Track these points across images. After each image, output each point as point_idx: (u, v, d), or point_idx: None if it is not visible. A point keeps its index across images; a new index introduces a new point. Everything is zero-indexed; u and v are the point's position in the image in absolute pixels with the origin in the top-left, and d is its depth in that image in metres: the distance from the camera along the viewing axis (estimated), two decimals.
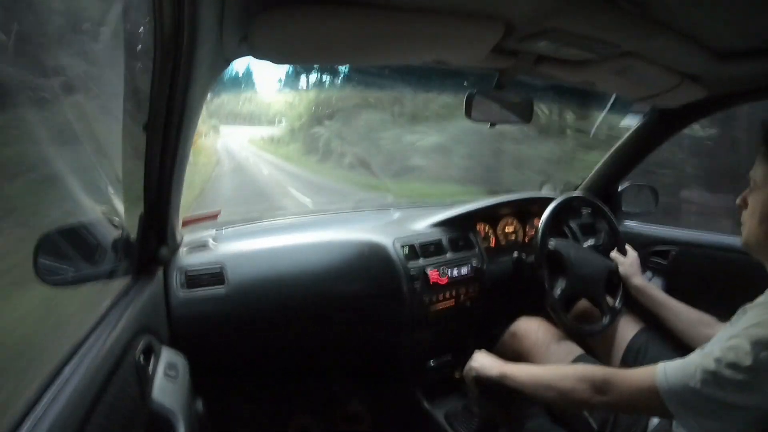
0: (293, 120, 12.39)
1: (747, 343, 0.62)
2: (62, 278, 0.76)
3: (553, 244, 1.25)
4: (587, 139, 3.58)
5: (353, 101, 9.17)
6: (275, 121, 13.51)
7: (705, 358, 0.65)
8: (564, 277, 1.20)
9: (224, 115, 11.90)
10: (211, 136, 10.55)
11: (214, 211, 1.38)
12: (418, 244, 1.32)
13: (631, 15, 0.74)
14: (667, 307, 1.10)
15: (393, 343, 1.37)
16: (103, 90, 0.88)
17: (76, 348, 0.62)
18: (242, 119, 13.27)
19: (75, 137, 0.81)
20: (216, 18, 0.66)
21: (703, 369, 0.64)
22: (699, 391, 0.63)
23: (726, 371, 0.62)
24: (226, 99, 11.27)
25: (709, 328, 1.01)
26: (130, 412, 0.61)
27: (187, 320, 1.03)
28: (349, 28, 0.74)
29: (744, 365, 0.60)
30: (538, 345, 1.16)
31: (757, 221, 0.73)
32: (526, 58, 0.97)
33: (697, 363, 0.65)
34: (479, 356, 1.01)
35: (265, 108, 13.79)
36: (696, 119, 1.41)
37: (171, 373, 0.78)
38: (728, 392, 0.61)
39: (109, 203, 0.86)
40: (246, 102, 13.03)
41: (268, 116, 13.63)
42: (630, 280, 1.20)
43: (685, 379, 0.64)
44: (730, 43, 0.93)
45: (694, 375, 0.64)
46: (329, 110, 10.19)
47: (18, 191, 0.89)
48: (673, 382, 0.66)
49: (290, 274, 1.16)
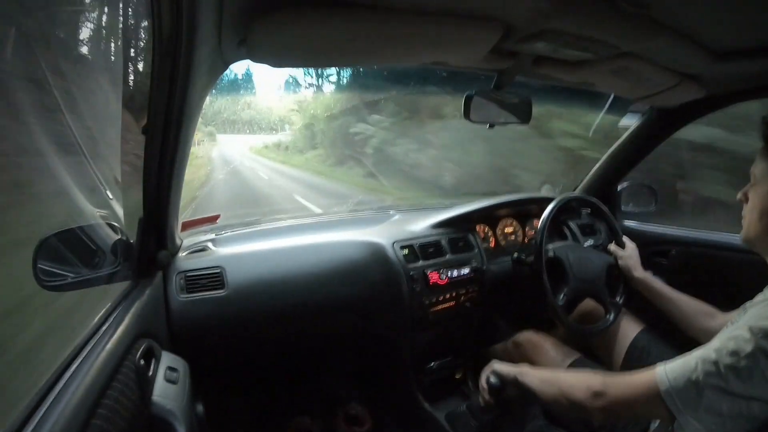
0: (312, 120, 9.95)
1: (747, 332, 0.62)
2: (61, 282, 0.76)
3: (552, 251, 1.24)
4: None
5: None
6: (279, 125, 11.49)
7: (705, 350, 0.65)
8: (565, 283, 1.20)
9: (221, 122, 10.03)
10: (206, 144, 9.41)
11: (213, 215, 1.39)
12: (418, 245, 1.32)
13: (630, 16, 0.74)
14: (668, 298, 1.10)
15: (393, 344, 1.37)
16: (102, 92, 0.88)
17: (77, 352, 0.62)
18: (239, 126, 11.23)
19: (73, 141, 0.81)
20: (214, 21, 0.66)
21: (703, 360, 0.64)
22: (700, 382, 0.63)
23: (727, 359, 0.62)
24: (222, 104, 9.35)
25: (710, 319, 1.02)
26: (130, 415, 0.61)
27: (187, 324, 1.02)
28: (347, 31, 0.74)
29: (745, 352, 0.60)
30: (537, 353, 1.19)
31: (757, 216, 0.74)
32: (524, 58, 0.97)
33: (697, 356, 0.65)
34: (496, 363, 1.00)
35: (264, 112, 11.52)
36: (694, 118, 1.41)
37: (171, 377, 0.78)
38: (730, 381, 0.61)
39: (108, 207, 0.86)
40: (243, 106, 10.77)
41: (269, 121, 11.51)
42: (631, 272, 1.20)
43: (686, 374, 0.64)
44: (728, 43, 0.93)
45: (695, 368, 0.64)
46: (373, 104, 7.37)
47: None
48: (673, 378, 0.65)
49: (290, 277, 1.16)
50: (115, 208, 0.87)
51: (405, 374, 1.38)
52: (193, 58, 0.66)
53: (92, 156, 0.84)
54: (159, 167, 0.80)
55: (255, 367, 1.30)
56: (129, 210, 0.87)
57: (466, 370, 1.49)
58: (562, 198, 1.31)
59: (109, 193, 0.86)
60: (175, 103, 0.71)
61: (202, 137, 9.00)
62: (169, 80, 0.67)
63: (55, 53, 0.86)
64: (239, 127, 10.95)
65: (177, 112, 0.73)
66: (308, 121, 10.27)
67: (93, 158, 0.84)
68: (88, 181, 0.82)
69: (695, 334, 1.01)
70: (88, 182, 0.82)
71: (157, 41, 0.62)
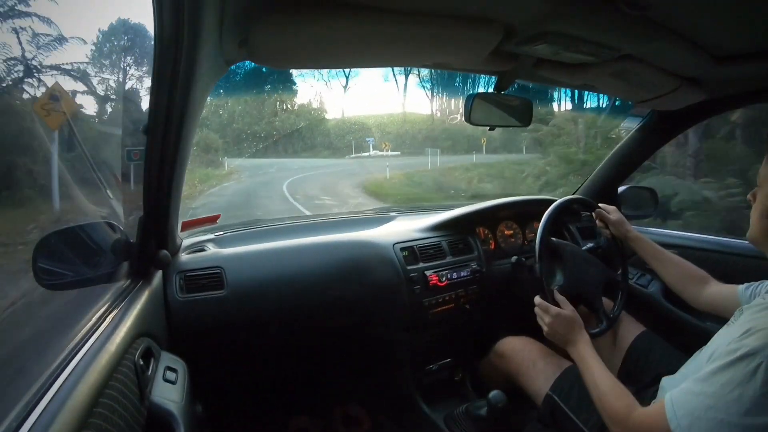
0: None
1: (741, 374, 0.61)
2: (61, 281, 0.76)
3: (554, 242, 1.23)
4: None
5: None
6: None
7: (703, 384, 0.64)
8: (562, 272, 1.16)
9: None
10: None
11: (214, 215, 1.39)
12: (418, 247, 1.32)
13: (631, 19, 0.74)
14: (662, 260, 1.10)
15: (392, 345, 1.37)
16: (104, 93, 0.88)
17: (75, 350, 0.62)
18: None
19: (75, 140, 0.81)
20: (216, 22, 0.66)
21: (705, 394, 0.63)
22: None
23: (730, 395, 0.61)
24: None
25: (703, 284, 1.03)
26: (129, 415, 0.61)
27: (186, 323, 1.02)
28: (349, 32, 0.74)
29: (747, 395, 0.59)
30: (524, 364, 1.14)
31: (758, 216, 0.76)
32: (525, 60, 0.97)
33: (696, 392, 0.65)
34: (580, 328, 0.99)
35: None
36: (696, 122, 1.41)
37: (170, 377, 0.78)
38: (742, 416, 0.60)
39: (108, 206, 0.86)
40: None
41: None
42: (627, 234, 1.17)
43: (690, 409, 0.64)
44: (728, 46, 0.93)
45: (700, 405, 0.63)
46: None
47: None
48: (681, 417, 0.65)
49: (289, 277, 1.16)
50: (116, 207, 0.87)
51: (404, 375, 1.38)
52: (195, 58, 0.66)
53: (93, 156, 0.84)
54: (160, 167, 0.80)
55: (254, 367, 1.30)
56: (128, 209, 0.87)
57: (465, 371, 1.49)
58: (563, 200, 1.31)
59: (110, 192, 0.86)
60: (177, 103, 0.71)
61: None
62: (171, 80, 0.67)
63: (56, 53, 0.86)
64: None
65: (178, 112, 0.73)
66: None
67: (93, 158, 0.84)
68: (89, 180, 0.82)
69: (687, 297, 1.04)
70: (89, 181, 0.82)
71: (158, 41, 0.62)
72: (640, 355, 1.14)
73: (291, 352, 1.28)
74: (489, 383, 1.33)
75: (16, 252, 2.27)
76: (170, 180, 0.84)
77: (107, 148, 0.82)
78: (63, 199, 2.33)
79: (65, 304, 0.92)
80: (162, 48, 0.63)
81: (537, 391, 1.07)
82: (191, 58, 0.65)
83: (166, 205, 0.89)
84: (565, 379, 1.04)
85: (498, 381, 1.24)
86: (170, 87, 0.68)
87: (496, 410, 1.12)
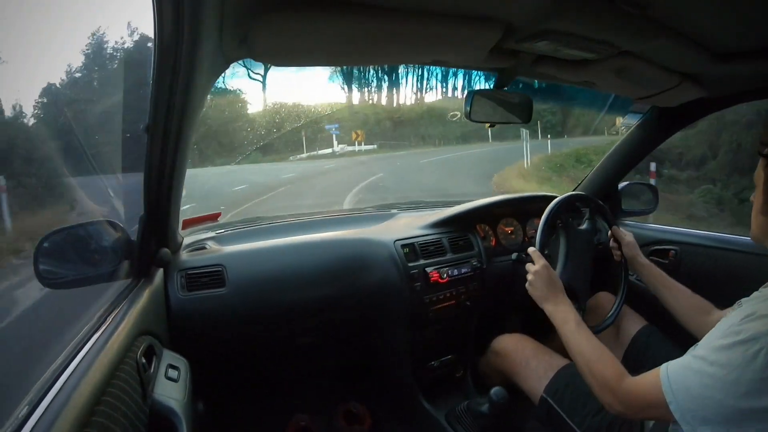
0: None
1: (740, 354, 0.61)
2: (62, 280, 0.76)
3: (557, 231, 1.23)
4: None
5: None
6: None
7: (701, 362, 0.65)
8: (559, 262, 1.18)
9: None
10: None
11: (215, 213, 1.39)
12: (419, 244, 1.32)
13: (630, 16, 0.74)
14: (669, 288, 1.10)
15: (393, 342, 1.37)
16: (104, 91, 0.88)
17: (78, 349, 0.62)
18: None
19: (75, 139, 0.81)
20: (216, 19, 0.66)
21: (701, 373, 0.64)
22: (703, 397, 0.63)
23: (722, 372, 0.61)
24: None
25: (706, 315, 1.02)
26: (131, 413, 0.61)
27: (188, 321, 1.03)
28: (348, 30, 0.74)
29: (746, 378, 0.60)
30: (518, 363, 1.14)
31: (755, 213, 0.77)
32: (525, 58, 0.97)
33: (695, 369, 0.66)
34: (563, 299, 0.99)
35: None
36: (695, 119, 1.41)
37: (172, 375, 0.78)
38: (740, 398, 0.61)
39: (109, 205, 0.87)
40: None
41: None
42: (636, 258, 1.18)
43: (687, 385, 0.65)
44: (728, 44, 0.93)
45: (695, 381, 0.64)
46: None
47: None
48: (677, 391, 0.66)
49: (290, 275, 1.16)
50: (116, 206, 0.87)
51: (405, 372, 1.39)
52: (195, 55, 0.66)
53: (93, 154, 0.84)
54: (160, 165, 0.80)
55: (255, 365, 1.30)
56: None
57: (466, 368, 1.50)
58: (563, 197, 1.31)
59: (111, 191, 0.86)
60: (177, 101, 0.71)
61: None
62: (171, 77, 0.67)
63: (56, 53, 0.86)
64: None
65: (179, 109, 0.73)
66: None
67: (94, 157, 0.84)
68: (90, 179, 0.82)
69: (692, 328, 1.03)
70: (90, 181, 0.82)
71: (158, 39, 0.62)
72: (642, 349, 1.14)
73: (292, 349, 1.29)
74: (489, 380, 1.34)
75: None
76: (171, 178, 0.84)
77: (107, 146, 0.82)
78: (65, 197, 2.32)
79: (67, 304, 0.92)
80: (162, 46, 0.63)
81: (531, 390, 1.08)
82: (191, 56, 0.65)
83: (167, 203, 0.89)
84: (559, 381, 1.04)
85: (497, 378, 1.25)
86: (170, 85, 0.68)
87: (498, 407, 1.13)
